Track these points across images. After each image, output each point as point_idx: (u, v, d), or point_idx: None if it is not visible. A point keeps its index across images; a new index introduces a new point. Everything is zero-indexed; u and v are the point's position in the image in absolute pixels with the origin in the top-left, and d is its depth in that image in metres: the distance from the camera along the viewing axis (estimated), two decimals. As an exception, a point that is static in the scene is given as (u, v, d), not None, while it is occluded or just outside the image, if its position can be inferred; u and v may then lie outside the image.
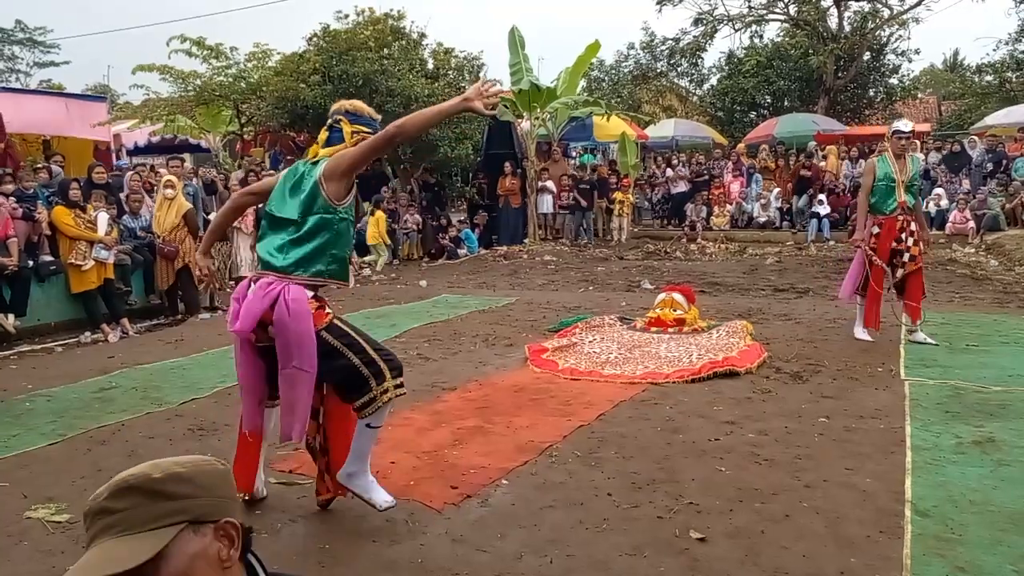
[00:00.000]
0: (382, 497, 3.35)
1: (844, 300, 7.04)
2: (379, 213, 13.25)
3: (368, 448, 3.39)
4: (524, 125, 15.98)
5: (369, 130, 3.41)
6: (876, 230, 6.54)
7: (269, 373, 3.37)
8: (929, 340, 6.48)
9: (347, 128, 3.39)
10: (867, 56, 24.22)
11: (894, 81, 25.30)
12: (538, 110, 15.62)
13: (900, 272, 6.47)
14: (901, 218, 6.47)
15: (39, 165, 9.64)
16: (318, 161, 3.36)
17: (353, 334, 3.33)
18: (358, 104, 3.51)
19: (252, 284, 3.30)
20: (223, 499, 1.23)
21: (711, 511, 3.45)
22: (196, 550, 1.16)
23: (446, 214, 15.46)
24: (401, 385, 3.32)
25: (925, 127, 22.09)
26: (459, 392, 5.46)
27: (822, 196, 15.47)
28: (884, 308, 6.62)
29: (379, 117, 3.54)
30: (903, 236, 6.46)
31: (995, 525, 3.25)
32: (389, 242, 13.34)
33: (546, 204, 16.11)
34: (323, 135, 3.45)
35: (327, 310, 3.33)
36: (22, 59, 35.19)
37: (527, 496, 3.67)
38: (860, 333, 6.70)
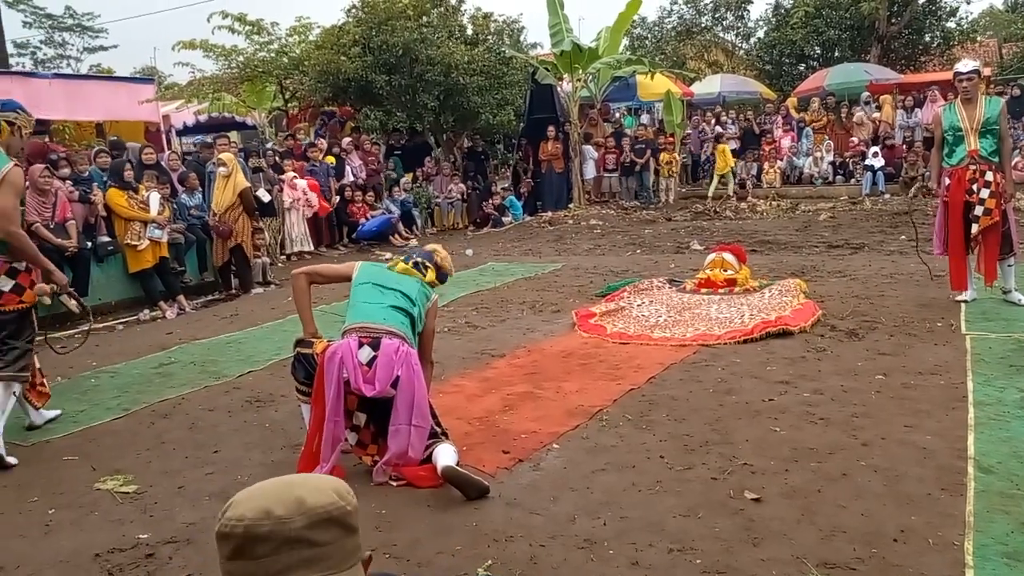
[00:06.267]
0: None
1: (940, 256, 6.44)
2: (722, 145, 15.49)
3: None
4: (566, 87, 15.76)
5: None
6: (947, 182, 6.06)
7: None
8: None
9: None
10: (922, -1, 23.24)
11: (951, 24, 24.20)
12: (580, 71, 15.37)
13: (975, 227, 5.92)
14: (973, 168, 5.90)
15: (98, 148, 9.90)
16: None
17: None
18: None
19: (361, 344, 3.54)
20: None
21: (766, 471, 3.42)
22: None
23: (491, 181, 15.38)
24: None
25: (985, 71, 21.12)
26: (508, 359, 5.48)
27: (876, 148, 14.99)
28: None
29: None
30: (975, 188, 5.92)
31: (1063, 481, 3.15)
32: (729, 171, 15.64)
33: (588, 169, 15.93)
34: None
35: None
36: (72, 45, 35.95)
37: (578, 460, 3.68)
38: (957, 296, 6.19)
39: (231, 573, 1.04)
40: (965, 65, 6.05)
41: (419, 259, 4.01)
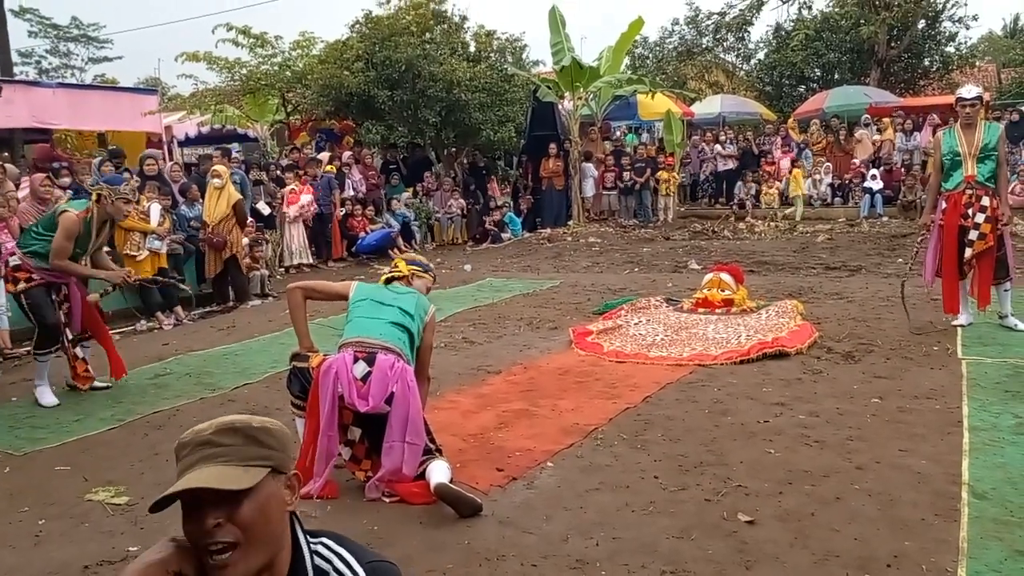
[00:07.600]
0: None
1: (929, 285, 6.46)
2: (796, 170, 15.50)
3: None
4: (567, 105, 15.82)
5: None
6: (943, 205, 6.07)
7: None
8: (1021, 326, 5.98)
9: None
10: (922, 24, 23.33)
11: (950, 49, 24.33)
12: (581, 90, 15.43)
13: (969, 252, 5.93)
14: (969, 193, 5.94)
15: (102, 156, 9.97)
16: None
17: None
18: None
19: (356, 359, 3.53)
20: (292, 458, 1.50)
21: (760, 494, 3.41)
22: (273, 491, 1.40)
23: (490, 197, 15.39)
24: None
25: (985, 96, 21.20)
26: (504, 375, 5.48)
27: (875, 171, 15.05)
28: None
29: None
30: (970, 212, 5.93)
31: (1057, 508, 3.14)
32: (805, 193, 15.42)
33: (588, 187, 15.97)
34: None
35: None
36: (77, 55, 36.15)
37: (573, 479, 3.67)
38: (952, 321, 6.21)
39: (176, 476, 1.38)
40: (969, 91, 6.05)
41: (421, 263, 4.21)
